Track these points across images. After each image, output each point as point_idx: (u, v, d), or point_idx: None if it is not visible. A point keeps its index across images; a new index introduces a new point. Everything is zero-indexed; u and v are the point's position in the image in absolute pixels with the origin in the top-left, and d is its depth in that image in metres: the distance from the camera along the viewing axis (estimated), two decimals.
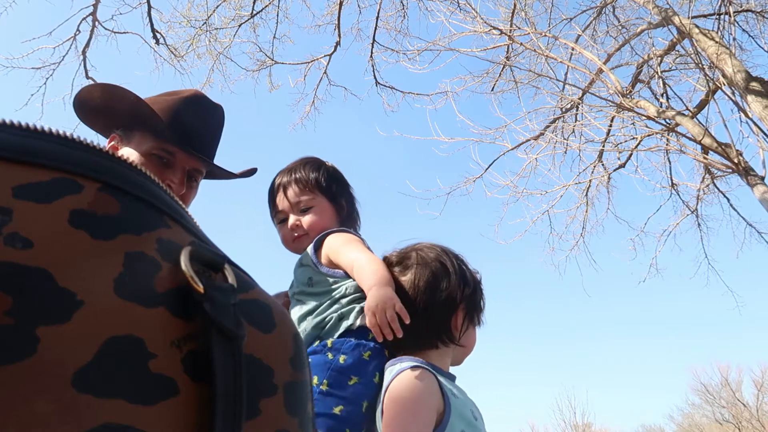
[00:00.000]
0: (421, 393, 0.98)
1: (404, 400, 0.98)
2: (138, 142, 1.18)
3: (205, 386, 0.24)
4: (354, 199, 1.44)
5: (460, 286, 1.11)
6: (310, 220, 1.33)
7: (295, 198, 1.35)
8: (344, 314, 1.16)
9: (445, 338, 1.10)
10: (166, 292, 0.25)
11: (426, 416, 0.96)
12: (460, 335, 1.11)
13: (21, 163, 0.25)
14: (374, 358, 1.10)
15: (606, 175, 8.60)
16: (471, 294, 1.13)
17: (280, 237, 1.40)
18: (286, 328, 0.31)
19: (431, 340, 1.09)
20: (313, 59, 8.93)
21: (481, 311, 1.17)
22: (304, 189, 1.35)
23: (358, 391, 1.05)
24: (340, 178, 1.43)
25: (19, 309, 0.21)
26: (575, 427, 28.93)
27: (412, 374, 1.01)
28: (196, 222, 0.32)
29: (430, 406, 0.98)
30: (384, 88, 9.14)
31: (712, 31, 6.19)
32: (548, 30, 8.30)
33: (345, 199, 1.40)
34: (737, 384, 27.64)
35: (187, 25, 8.28)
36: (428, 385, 1.00)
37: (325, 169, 1.40)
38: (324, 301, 1.19)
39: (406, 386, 0.99)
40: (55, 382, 0.21)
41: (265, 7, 8.55)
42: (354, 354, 1.09)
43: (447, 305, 1.10)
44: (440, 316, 1.10)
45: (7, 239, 0.22)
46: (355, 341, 1.11)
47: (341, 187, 1.41)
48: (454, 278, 1.11)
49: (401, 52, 8.64)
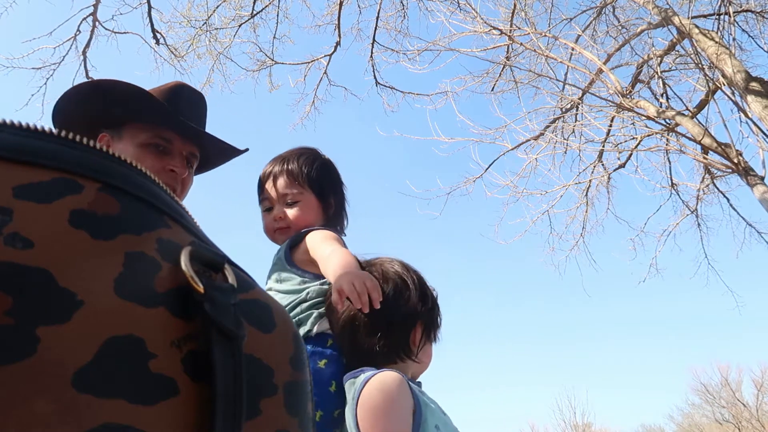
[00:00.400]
0: (396, 394, 0.97)
1: (380, 405, 0.96)
2: (131, 136, 1.17)
3: (205, 386, 0.24)
4: (344, 198, 1.41)
5: (419, 301, 1.11)
6: (294, 214, 1.31)
7: (283, 189, 1.33)
8: (302, 320, 1.14)
9: (402, 354, 1.08)
10: (166, 292, 0.25)
11: (405, 417, 0.95)
12: (417, 351, 1.10)
13: (21, 163, 0.25)
14: (330, 366, 1.08)
15: (606, 175, 8.60)
16: (430, 310, 1.13)
17: (263, 225, 1.38)
18: (286, 328, 0.31)
19: (389, 356, 1.08)
20: (313, 59, 8.94)
21: (438, 328, 1.17)
22: (293, 182, 1.32)
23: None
24: (332, 174, 1.40)
25: (20, 309, 0.21)
26: (575, 427, 28.94)
27: (382, 378, 0.99)
28: (196, 222, 0.32)
29: (407, 406, 0.97)
30: (384, 88, 9.14)
31: (711, 32, 6.19)
32: (548, 30, 8.31)
33: (334, 198, 1.37)
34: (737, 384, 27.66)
35: (188, 25, 8.28)
36: (400, 385, 0.98)
37: (319, 164, 1.37)
38: (285, 305, 1.17)
39: (379, 391, 0.97)
40: (55, 382, 0.21)
41: (266, 7, 8.55)
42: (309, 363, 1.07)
43: (406, 321, 1.09)
44: (399, 332, 1.09)
45: (7, 239, 0.22)
46: (311, 350, 1.09)
47: (332, 184, 1.38)
48: (414, 294, 1.10)
49: (401, 52, 8.64)
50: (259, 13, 8.53)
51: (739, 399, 27.18)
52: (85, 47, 7.55)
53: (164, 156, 1.18)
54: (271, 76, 9.10)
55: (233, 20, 8.50)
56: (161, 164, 1.16)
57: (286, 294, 1.20)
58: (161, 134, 1.17)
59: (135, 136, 1.17)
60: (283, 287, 1.22)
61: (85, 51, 7.55)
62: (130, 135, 1.17)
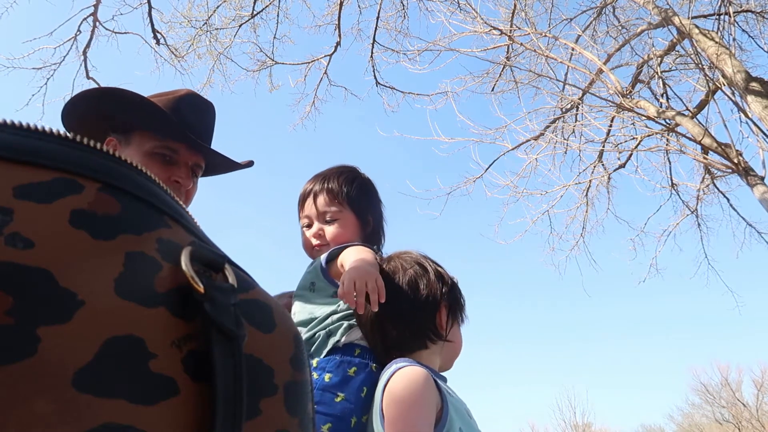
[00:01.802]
0: (422, 389, 0.99)
1: (407, 398, 0.98)
2: (138, 143, 1.19)
3: (206, 386, 0.24)
4: (382, 216, 1.44)
5: (438, 284, 1.16)
6: (333, 232, 1.34)
7: (323, 207, 1.35)
8: (332, 331, 1.16)
9: (432, 336, 1.12)
10: (166, 292, 0.25)
11: (429, 412, 0.97)
12: (447, 331, 1.14)
13: (22, 163, 0.25)
14: (359, 373, 1.10)
15: (606, 175, 8.60)
16: (450, 291, 1.17)
17: (301, 240, 1.40)
18: (287, 328, 0.31)
19: (420, 339, 1.12)
20: (314, 59, 8.93)
21: (462, 308, 1.21)
22: (333, 200, 1.35)
23: (346, 408, 1.05)
24: (371, 192, 1.43)
25: (20, 309, 0.21)
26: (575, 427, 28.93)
27: (409, 371, 1.01)
28: (196, 222, 0.32)
29: (432, 402, 0.99)
30: (384, 88, 9.14)
31: (712, 32, 6.19)
32: (548, 30, 8.30)
33: (372, 216, 1.40)
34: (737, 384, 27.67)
35: (188, 25, 8.28)
36: (427, 381, 1.00)
37: (359, 183, 1.40)
38: (317, 316, 1.20)
39: (406, 384, 0.99)
40: (56, 382, 0.21)
41: (266, 8, 8.55)
42: (339, 371, 1.09)
43: (429, 303, 1.13)
44: (425, 315, 1.13)
45: (8, 239, 0.22)
46: (339, 359, 1.11)
47: (370, 202, 1.41)
48: (432, 277, 1.16)
49: (401, 52, 8.64)
50: (260, 13, 8.53)
51: (739, 399, 27.18)
52: (86, 47, 7.55)
53: (170, 166, 1.19)
54: (271, 76, 9.11)
55: (233, 20, 8.50)
56: (166, 174, 1.18)
57: (318, 305, 1.23)
58: (168, 144, 1.19)
59: (142, 144, 1.18)
60: (315, 296, 1.25)
61: (85, 51, 7.55)
62: (137, 142, 1.19)
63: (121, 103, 1.18)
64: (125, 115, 1.19)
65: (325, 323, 1.18)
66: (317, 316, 1.20)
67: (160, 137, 1.18)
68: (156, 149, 1.18)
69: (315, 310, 1.21)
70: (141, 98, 1.16)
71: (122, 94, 1.16)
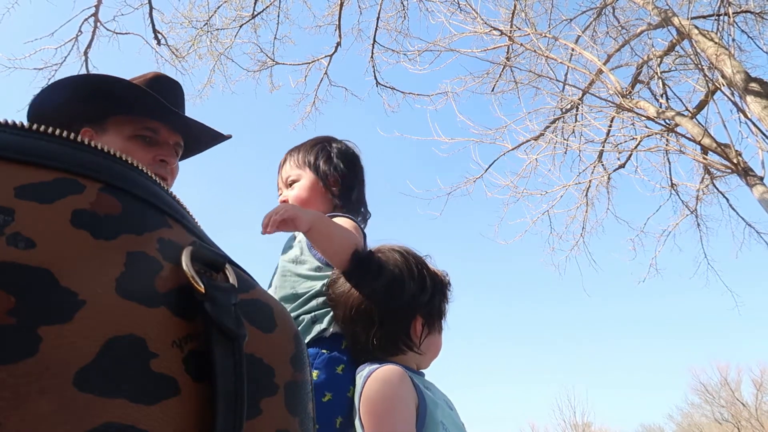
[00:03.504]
0: (398, 391, 0.96)
1: (382, 404, 0.95)
2: (116, 129, 1.15)
3: (207, 386, 0.25)
4: (355, 178, 1.37)
5: (416, 293, 1.08)
6: (294, 195, 1.32)
7: (286, 173, 1.36)
8: (318, 317, 1.12)
9: (403, 347, 1.07)
10: (167, 292, 0.26)
11: (409, 413, 0.94)
12: (420, 342, 1.08)
13: (23, 163, 0.25)
14: (347, 372, 1.07)
15: (606, 175, 8.59)
16: (429, 301, 1.10)
17: None
18: (287, 328, 0.31)
19: (389, 348, 1.06)
20: (314, 60, 8.93)
21: (440, 317, 1.14)
22: (294, 165, 1.35)
23: (332, 408, 1.02)
24: (331, 150, 1.36)
25: (22, 309, 0.21)
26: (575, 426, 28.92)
27: (384, 372, 0.98)
28: (197, 222, 0.32)
29: (410, 400, 0.96)
30: (384, 88, 9.12)
31: (711, 32, 6.19)
32: (548, 31, 8.30)
33: (339, 174, 1.33)
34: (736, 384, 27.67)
35: (189, 25, 8.27)
36: (401, 380, 0.97)
37: (321, 146, 1.36)
38: (300, 293, 1.16)
39: (380, 387, 0.96)
40: (57, 381, 0.21)
41: (266, 8, 8.54)
42: (328, 370, 1.05)
43: (404, 313, 1.08)
44: (398, 324, 1.07)
45: (9, 239, 0.22)
46: (327, 355, 1.07)
47: (331, 161, 1.35)
48: (411, 285, 1.08)
49: (402, 52, 8.63)
50: (260, 13, 8.53)
51: (738, 398, 27.18)
52: (87, 48, 7.55)
53: (152, 147, 1.16)
54: (271, 77, 9.11)
55: (234, 21, 8.50)
56: (151, 155, 1.15)
57: (301, 278, 1.19)
58: (147, 125, 1.15)
59: (121, 130, 1.15)
60: (298, 270, 1.20)
61: (86, 51, 7.55)
62: (115, 128, 1.15)
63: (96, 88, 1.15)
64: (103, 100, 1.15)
65: (309, 306, 1.14)
66: (300, 294, 1.16)
67: (137, 119, 1.15)
68: (136, 131, 1.15)
69: (297, 285, 1.17)
70: (119, 80, 1.13)
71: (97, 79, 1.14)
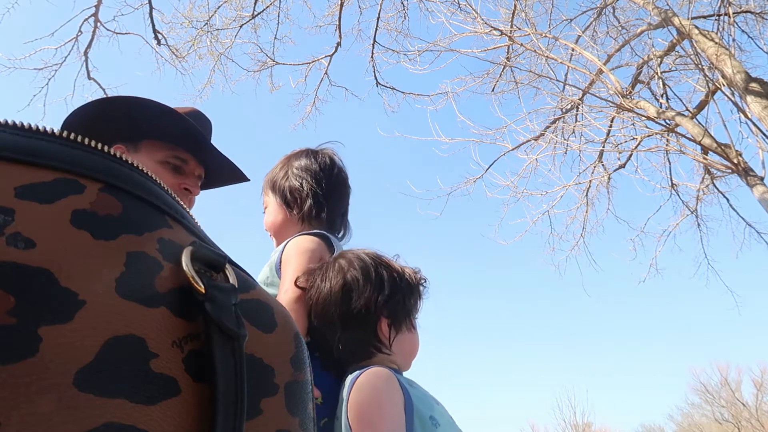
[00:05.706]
0: (387, 393, 0.94)
1: (370, 405, 0.93)
2: (148, 151, 1.21)
3: (207, 386, 0.25)
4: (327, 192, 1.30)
5: (374, 293, 1.05)
6: (265, 220, 1.36)
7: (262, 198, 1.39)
8: None
9: (372, 349, 1.05)
10: (167, 292, 0.26)
11: (397, 414, 0.92)
12: (390, 343, 1.06)
13: (23, 163, 0.25)
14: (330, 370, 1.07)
15: (606, 175, 8.60)
16: (387, 301, 1.06)
17: None
18: (287, 328, 0.31)
19: (363, 351, 1.05)
20: (314, 60, 8.93)
21: (407, 316, 1.10)
22: (264, 187, 1.38)
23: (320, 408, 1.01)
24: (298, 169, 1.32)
25: (22, 309, 0.21)
26: (575, 426, 28.92)
27: (370, 375, 0.97)
28: (197, 222, 0.32)
29: (399, 402, 0.94)
30: (385, 88, 9.13)
31: (711, 32, 6.19)
32: (548, 31, 8.31)
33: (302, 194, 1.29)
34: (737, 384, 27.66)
35: (189, 25, 8.28)
36: (389, 381, 0.96)
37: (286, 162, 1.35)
38: None
39: (369, 390, 0.95)
40: (57, 381, 0.21)
41: (266, 8, 8.55)
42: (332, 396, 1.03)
43: (365, 315, 1.05)
44: (362, 326, 1.05)
45: (9, 239, 0.22)
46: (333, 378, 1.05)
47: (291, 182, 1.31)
48: (367, 286, 1.05)
49: (402, 52, 8.63)
50: (260, 13, 8.53)
51: (738, 399, 27.18)
52: (87, 48, 7.56)
53: (179, 175, 1.23)
54: (272, 77, 9.11)
55: (234, 21, 8.50)
56: (177, 182, 1.21)
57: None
58: (178, 154, 1.22)
59: (153, 153, 1.20)
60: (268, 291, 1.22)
61: (86, 52, 7.56)
62: (147, 150, 1.21)
63: (138, 110, 1.18)
64: (144, 123, 1.19)
65: None
66: None
67: (169, 147, 1.21)
68: (167, 158, 1.21)
69: None
70: (165, 108, 1.17)
71: (140, 102, 1.17)
